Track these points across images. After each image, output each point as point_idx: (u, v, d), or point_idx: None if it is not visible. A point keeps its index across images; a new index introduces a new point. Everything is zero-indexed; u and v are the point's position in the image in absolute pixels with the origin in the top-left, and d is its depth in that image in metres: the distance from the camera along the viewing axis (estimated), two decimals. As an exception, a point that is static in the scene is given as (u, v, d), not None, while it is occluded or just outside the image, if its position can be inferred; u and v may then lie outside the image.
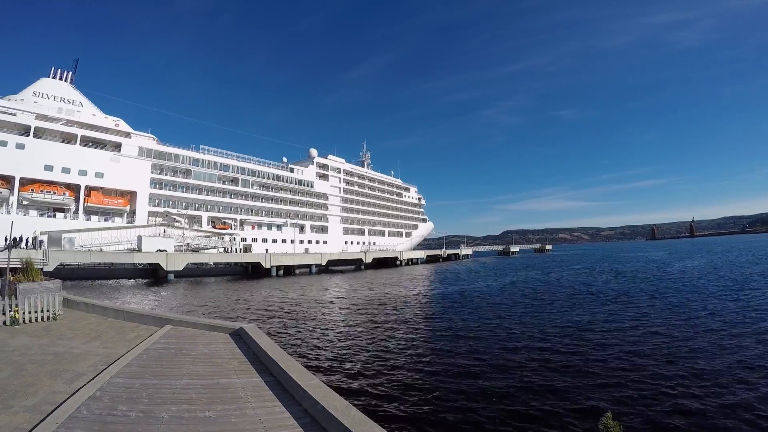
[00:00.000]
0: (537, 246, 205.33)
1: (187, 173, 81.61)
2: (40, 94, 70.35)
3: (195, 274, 57.14)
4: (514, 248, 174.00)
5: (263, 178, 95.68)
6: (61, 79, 73.86)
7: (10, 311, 11.34)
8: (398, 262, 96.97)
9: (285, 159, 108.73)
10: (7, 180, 60.63)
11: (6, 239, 48.51)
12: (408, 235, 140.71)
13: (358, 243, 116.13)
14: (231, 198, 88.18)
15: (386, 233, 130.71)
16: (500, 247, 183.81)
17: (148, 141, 78.84)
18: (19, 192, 61.28)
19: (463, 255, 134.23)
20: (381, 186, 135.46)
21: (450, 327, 21.61)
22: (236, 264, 65.18)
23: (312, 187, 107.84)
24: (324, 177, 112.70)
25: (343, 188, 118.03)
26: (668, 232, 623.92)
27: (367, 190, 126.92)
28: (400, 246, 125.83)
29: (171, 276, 51.37)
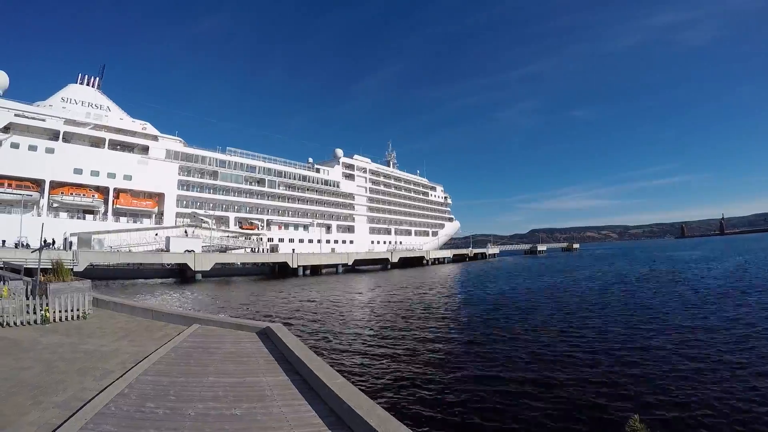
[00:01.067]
0: (564, 245, 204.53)
1: (214, 175, 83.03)
2: (69, 100, 72.49)
3: (222, 274, 58.10)
4: (542, 247, 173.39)
5: (289, 178, 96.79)
6: (88, 84, 75.93)
7: (41, 310, 11.69)
8: (424, 262, 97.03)
9: (311, 159, 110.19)
10: (38, 183, 62.78)
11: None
12: (434, 234, 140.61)
13: (385, 242, 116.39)
14: (258, 199, 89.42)
15: (412, 233, 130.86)
16: (527, 246, 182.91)
17: (175, 144, 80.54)
18: (49, 195, 63.47)
19: (489, 254, 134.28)
20: (407, 185, 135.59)
21: (477, 328, 21.49)
22: (263, 264, 65.98)
23: (338, 187, 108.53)
24: (350, 177, 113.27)
25: (369, 188, 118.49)
26: (697, 229, 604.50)
27: (393, 190, 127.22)
28: (427, 245, 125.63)
29: (199, 276, 52.31)
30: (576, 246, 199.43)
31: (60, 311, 12.07)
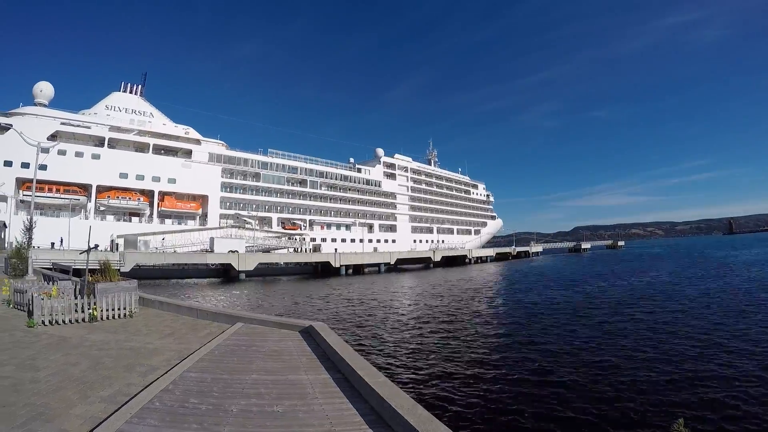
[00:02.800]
0: (609, 242, 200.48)
1: (256, 176, 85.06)
2: (113, 107, 76.05)
3: (266, 273, 59.24)
4: (585, 245, 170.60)
5: (331, 178, 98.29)
6: (131, 92, 79.42)
7: (89, 309, 12.19)
8: (467, 261, 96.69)
9: (352, 159, 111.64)
10: (85, 188, 66.11)
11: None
12: (477, 232, 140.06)
13: (427, 241, 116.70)
14: (300, 199, 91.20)
15: (455, 231, 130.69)
16: (571, 244, 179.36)
17: (218, 147, 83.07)
18: (96, 199, 66.69)
19: (533, 252, 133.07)
20: (448, 183, 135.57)
21: (521, 329, 21.19)
22: (306, 264, 66.89)
23: (379, 186, 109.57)
24: (391, 176, 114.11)
25: (411, 187, 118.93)
26: (746, 225, 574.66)
27: (434, 188, 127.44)
28: (469, 244, 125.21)
29: (242, 275, 53.52)
30: (621, 244, 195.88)
31: (107, 310, 12.55)
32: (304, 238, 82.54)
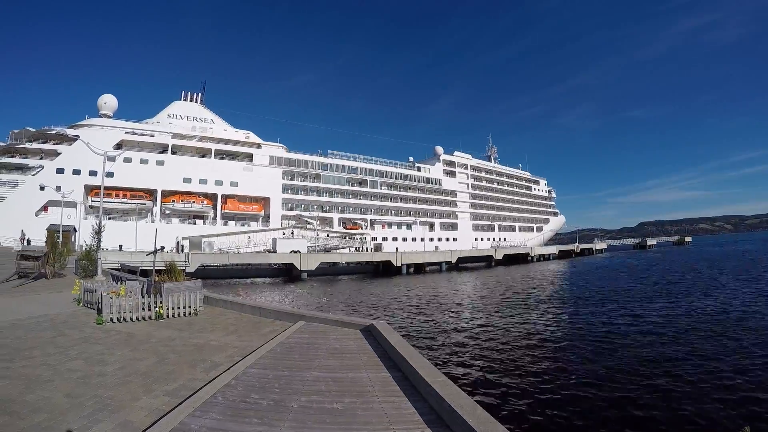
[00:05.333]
0: (675, 238, 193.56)
1: (316, 177, 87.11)
2: (174, 116, 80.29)
3: (327, 273, 60.04)
4: (651, 241, 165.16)
5: (391, 178, 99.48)
6: (191, 100, 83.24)
7: (155, 307, 12.75)
8: (529, 258, 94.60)
9: (411, 158, 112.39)
10: (150, 193, 70.15)
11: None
12: (539, 229, 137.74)
13: (488, 239, 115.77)
14: (360, 199, 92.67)
15: (516, 228, 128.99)
16: (636, 241, 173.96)
17: (278, 150, 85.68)
18: (161, 203, 70.62)
19: (597, 249, 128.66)
20: (509, 180, 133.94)
21: (588, 331, 20.36)
22: (367, 263, 67.30)
23: (439, 184, 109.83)
24: (451, 174, 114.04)
25: (471, 184, 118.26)
26: None
27: (495, 185, 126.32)
28: (531, 241, 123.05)
29: (304, 275, 54.47)
30: (688, 239, 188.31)
31: (173, 308, 13.07)
32: (365, 238, 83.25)
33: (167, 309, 12.92)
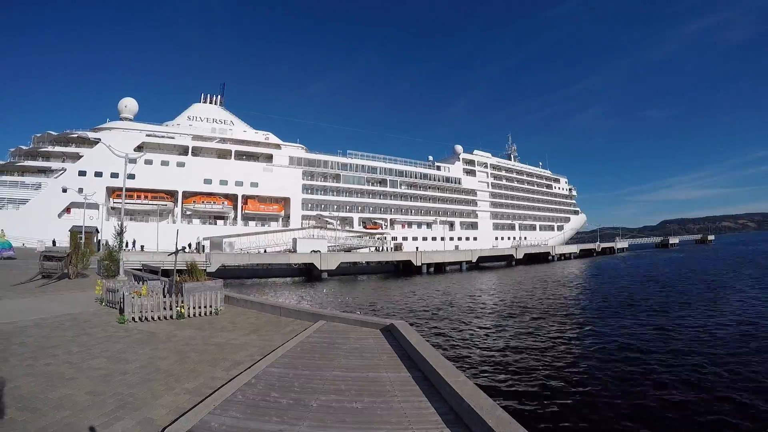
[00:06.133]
0: (698, 237, 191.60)
1: (336, 177, 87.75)
2: (194, 118, 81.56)
3: (347, 272, 60.20)
4: (673, 240, 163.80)
5: (410, 177, 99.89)
6: (211, 102, 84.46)
7: (176, 307, 12.89)
8: (550, 257, 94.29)
9: (431, 157, 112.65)
10: (171, 194, 71.35)
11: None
12: (559, 228, 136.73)
13: (509, 238, 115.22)
14: (380, 199, 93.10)
15: (537, 227, 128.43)
16: (658, 239, 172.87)
17: (298, 150, 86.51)
18: (182, 204, 71.71)
19: (618, 248, 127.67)
20: (529, 178, 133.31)
21: (609, 331, 20.24)
22: (387, 262, 67.35)
23: (459, 183, 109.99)
24: (471, 173, 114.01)
25: (491, 183, 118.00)
26: None
27: (515, 184, 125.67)
28: (552, 240, 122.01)
29: (325, 275, 54.71)
30: (711, 238, 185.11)
31: (194, 308, 13.20)
32: (385, 237, 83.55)
33: (188, 308, 13.06)
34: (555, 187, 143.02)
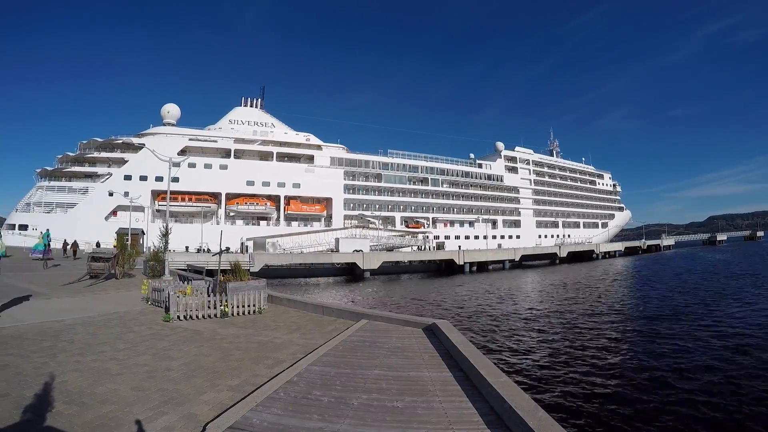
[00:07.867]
0: (746, 233, 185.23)
1: (377, 177, 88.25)
2: (235, 121, 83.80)
3: (390, 271, 60.25)
4: (721, 236, 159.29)
5: (452, 175, 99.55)
6: (251, 105, 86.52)
7: (220, 306, 13.16)
8: (594, 256, 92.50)
9: (472, 155, 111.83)
10: (215, 196, 73.36)
11: (202, 248, 58.15)
12: (604, 225, 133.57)
13: (552, 236, 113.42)
14: (422, 198, 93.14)
15: (581, 225, 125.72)
16: (705, 236, 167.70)
17: (339, 151, 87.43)
18: (225, 205, 73.76)
19: (664, 246, 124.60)
20: (572, 175, 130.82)
21: (658, 333, 19.45)
22: (429, 261, 67.10)
23: (501, 181, 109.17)
24: (513, 170, 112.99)
25: (534, 180, 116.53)
26: None
27: (558, 180, 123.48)
28: (596, 238, 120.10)
29: (367, 274, 54.93)
30: (760, 234, 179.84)
31: (238, 307, 13.45)
32: (427, 236, 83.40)
33: (232, 307, 13.30)
34: (599, 183, 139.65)
